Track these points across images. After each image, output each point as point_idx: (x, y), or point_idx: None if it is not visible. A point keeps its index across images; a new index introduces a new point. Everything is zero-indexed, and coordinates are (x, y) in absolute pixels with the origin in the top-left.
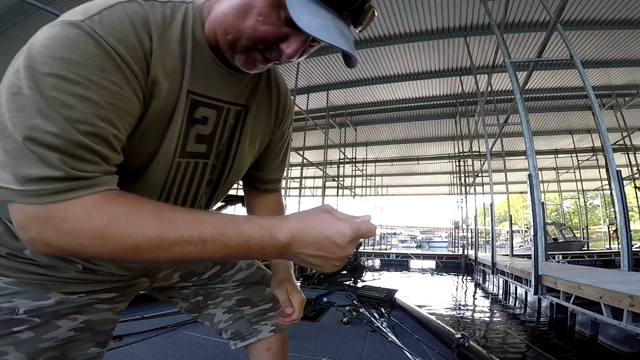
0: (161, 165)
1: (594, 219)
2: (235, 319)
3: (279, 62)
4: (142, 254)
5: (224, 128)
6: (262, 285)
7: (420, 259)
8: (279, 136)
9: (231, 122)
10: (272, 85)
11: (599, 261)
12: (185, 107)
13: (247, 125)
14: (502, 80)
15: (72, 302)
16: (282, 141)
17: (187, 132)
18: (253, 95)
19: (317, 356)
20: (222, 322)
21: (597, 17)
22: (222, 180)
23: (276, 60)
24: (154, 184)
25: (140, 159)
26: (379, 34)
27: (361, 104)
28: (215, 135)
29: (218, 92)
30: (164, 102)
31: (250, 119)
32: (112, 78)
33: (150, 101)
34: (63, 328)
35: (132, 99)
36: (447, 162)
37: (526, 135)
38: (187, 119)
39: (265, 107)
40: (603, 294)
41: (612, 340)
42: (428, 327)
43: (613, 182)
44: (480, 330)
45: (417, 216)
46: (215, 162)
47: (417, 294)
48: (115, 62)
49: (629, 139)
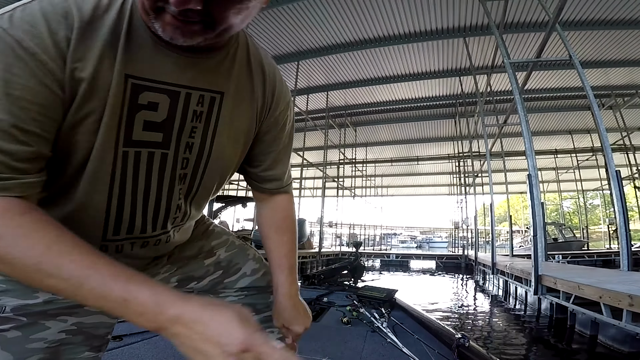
0: (103, 155)
1: (593, 219)
2: None
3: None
4: (16, 274)
5: (185, 115)
6: (267, 293)
7: (420, 260)
8: (271, 125)
9: (200, 109)
10: (253, 69)
11: (599, 261)
12: (125, 92)
13: (223, 113)
14: (501, 80)
15: (61, 302)
16: (275, 131)
17: (130, 119)
18: (228, 81)
19: (317, 356)
20: None
21: (595, 17)
22: (199, 175)
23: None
24: (100, 176)
25: (79, 149)
26: (378, 34)
27: (361, 105)
28: (173, 122)
29: (169, 76)
30: (94, 89)
31: (227, 106)
32: (14, 70)
33: (75, 89)
34: (52, 329)
35: (38, 89)
36: (447, 163)
37: (525, 136)
38: (129, 104)
39: (246, 93)
40: (603, 294)
41: (612, 340)
42: (428, 327)
43: (612, 182)
44: (480, 330)
45: (417, 217)
46: (186, 154)
47: (417, 294)
48: (17, 54)
49: (628, 139)
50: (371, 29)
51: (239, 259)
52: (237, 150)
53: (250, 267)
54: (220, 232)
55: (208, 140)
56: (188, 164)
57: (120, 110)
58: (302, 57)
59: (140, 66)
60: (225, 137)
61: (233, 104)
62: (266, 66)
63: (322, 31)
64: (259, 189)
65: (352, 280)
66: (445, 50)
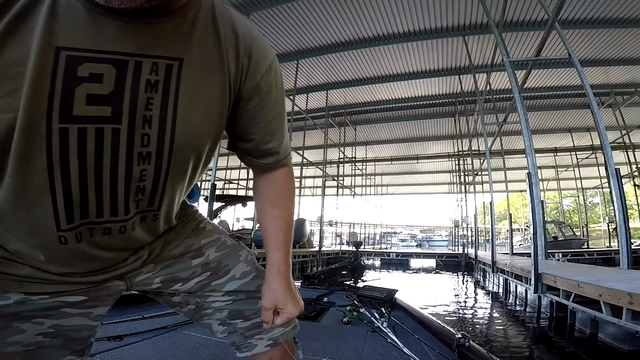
0: (29, 134)
1: (593, 217)
2: (229, 331)
3: None
4: None
5: (136, 86)
6: (256, 298)
7: (420, 258)
8: (253, 91)
9: (154, 78)
10: (219, 31)
11: (599, 259)
12: (56, 65)
13: (185, 81)
14: (500, 79)
15: (35, 303)
16: (259, 97)
17: (68, 93)
18: (188, 46)
19: (318, 356)
20: (219, 332)
21: (595, 16)
22: (166, 152)
23: None
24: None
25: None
26: (378, 33)
27: (360, 103)
28: (122, 94)
29: (113, 44)
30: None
31: (189, 73)
32: None
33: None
34: (28, 332)
35: None
36: (447, 161)
37: (525, 134)
38: (65, 78)
39: (214, 57)
40: (602, 292)
41: (612, 338)
42: (428, 327)
43: (612, 180)
44: (480, 329)
45: (417, 215)
46: (145, 129)
47: (417, 293)
48: None
49: (627, 137)
50: (371, 28)
51: (229, 260)
52: (211, 121)
53: (241, 269)
54: (212, 230)
55: (169, 112)
56: (150, 141)
57: (51, 84)
58: (302, 56)
59: (75, 37)
60: (192, 107)
61: (198, 70)
62: (238, 27)
63: (322, 30)
64: (256, 166)
65: (353, 280)
66: (444, 48)
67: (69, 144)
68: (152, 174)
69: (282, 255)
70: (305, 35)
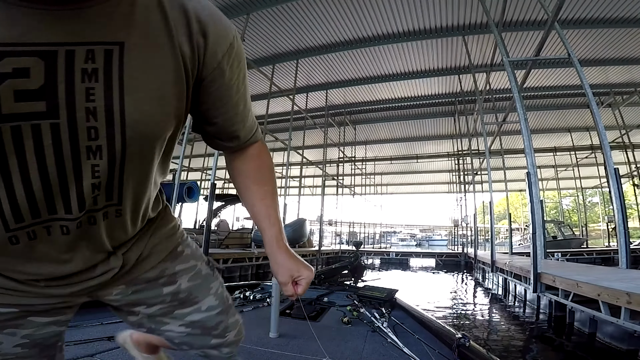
0: None
1: (593, 217)
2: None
3: None
4: None
5: (71, 77)
6: (210, 336)
7: (420, 258)
8: (215, 72)
9: (91, 66)
10: (166, 10)
11: (598, 259)
12: None
13: (129, 66)
14: (500, 78)
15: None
16: (222, 78)
17: None
18: (128, 28)
19: (318, 356)
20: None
21: (594, 15)
22: (117, 144)
23: None
24: None
25: None
26: (378, 32)
27: (360, 103)
28: (56, 87)
29: (37, 35)
30: None
31: (133, 57)
32: None
33: None
34: (5, 344)
35: None
36: (446, 161)
37: (524, 134)
38: None
39: (161, 38)
40: (601, 292)
41: (610, 337)
42: (429, 327)
43: (611, 180)
44: (479, 329)
45: (416, 214)
46: (90, 122)
47: (417, 292)
48: None
49: (627, 137)
50: (370, 27)
51: (199, 292)
52: (166, 106)
53: (208, 303)
54: (189, 255)
55: (115, 101)
56: (98, 134)
57: None
58: (302, 56)
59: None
60: (141, 94)
61: (143, 53)
62: (188, 4)
63: (322, 29)
64: (226, 147)
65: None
66: (444, 48)
67: (4, 144)
68: (106, 167)
69: (278, 229)
70: (305, 35)
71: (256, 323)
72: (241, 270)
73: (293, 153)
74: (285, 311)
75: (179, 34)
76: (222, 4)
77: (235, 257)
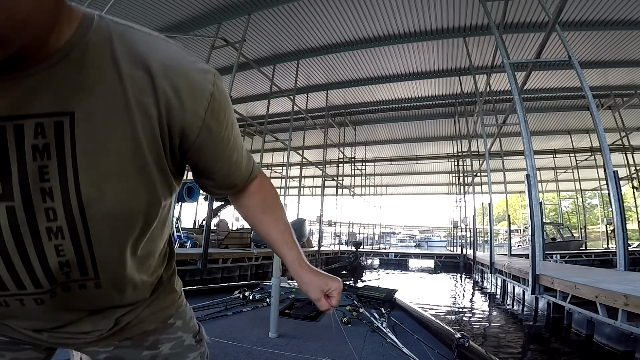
0: None
1: (592, 219)
2: None
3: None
4: None
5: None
6: None
7: (419, 259)
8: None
9: (42, 142)
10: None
11: (597, 261)
12: None
13: (81, 140)
14: (500, 80)
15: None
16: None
17: None
18: (77, 94)
19: (317, 356)
20: None
21: (595, 17)
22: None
23: None
24: None
25: None
26: (378, 33)
27: (360, 104)
28: (9, 167)
29: None
30: None
31: (85, 129)
32: None
33: None
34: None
35: None
36: (446, 162)
37: (524, 136)
38: None
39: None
40: (599, 294)
41: (607, 339)
42: (428, 327)
43: (610, 182)
44: (477, 329)
45: (416, 215)
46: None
47: (415, 293)
48: None
49: (627, 139)
50: (371, 28)
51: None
52: (132, 180)
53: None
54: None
55: (70, 180)
56: (57, 215)
57: None
58: (302, 56)
59: None
60: (97, 170)
61: (97, 123)
62: (151, 57)
63: (322, 30)
64: (226, 195)
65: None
66: (445, 50)
67: None
68: (71, 247)
69: (296, 251)
70: (306, 35)
71: (256, 323)
72: (240, 270)
73: (293, 153)
74: (285, 311)
75: (140, 95)
76: (224, 5)
77: (235, 257)
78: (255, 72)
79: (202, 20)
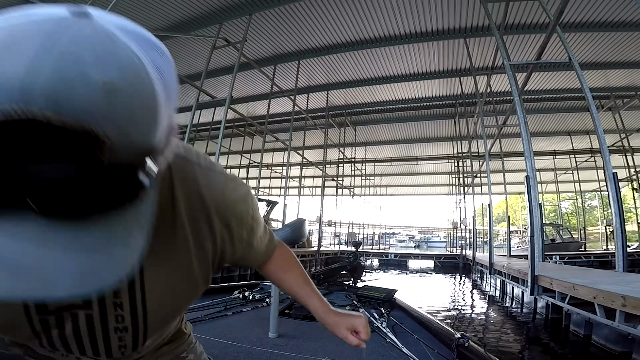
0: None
1: (591, 220)
2: None
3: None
4: None
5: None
6: None
7: (418, 259)
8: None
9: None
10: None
11: (596, 262)
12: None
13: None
14: (501, 81)
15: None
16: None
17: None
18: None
19: (317, 356)
20: None
21: (595, 19)
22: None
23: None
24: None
25: None
26: (379, 34)
27: (361, 104)
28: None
29: None
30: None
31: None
32: None
33: None
34: None
35: None
36: (446, 163)
37: (524, 137)
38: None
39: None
40: (597, 295)
41: (605, 339)
42: (428, 327)
43: (609, 184)
44: (477, 330)
45: (415, 216)
46: (117, 312)
47: (415, 293)
48: None
49: (627, 141)
50: (372, 29)
51: None
52: (187, 295)
53: None
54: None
55: (138, 299)
56: (124, 319)
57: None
58: (303, 57)
59: None
60: (160, 292)
61: (160, 261)
62: (208, 199)
63: (323, 31)
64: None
65: (352, 280)
66: (445, 50)
67: (50, 329)
68: (131, 337)
69: (318, 298)
70: (307, 36)
71: (255, 323)
72: (240, 270)
73: (293, 153)
74: (285, 311)
75: (198, 233)
76: (225, 5)
77: None
78: (256, 72)
79: (204, 20)
